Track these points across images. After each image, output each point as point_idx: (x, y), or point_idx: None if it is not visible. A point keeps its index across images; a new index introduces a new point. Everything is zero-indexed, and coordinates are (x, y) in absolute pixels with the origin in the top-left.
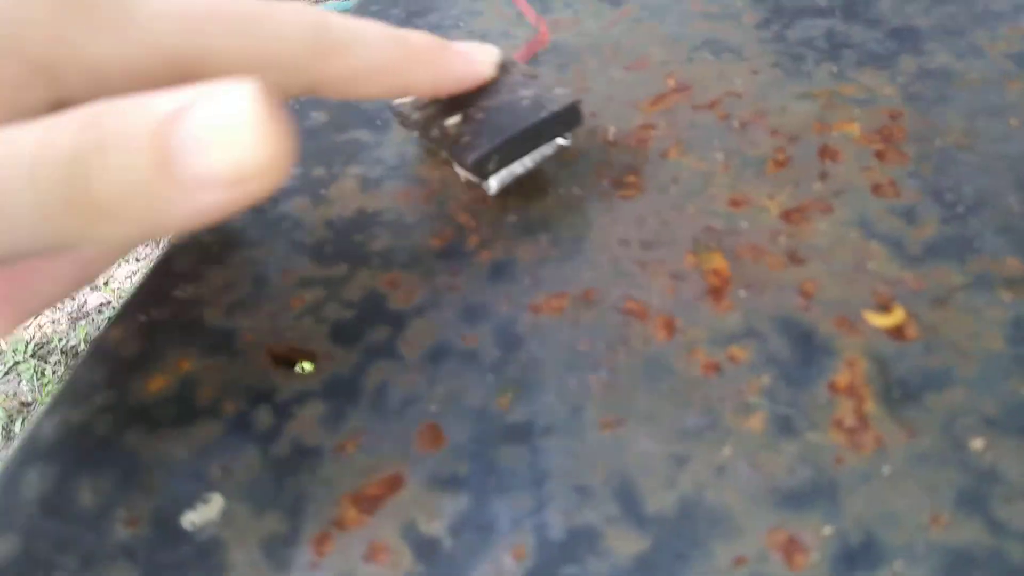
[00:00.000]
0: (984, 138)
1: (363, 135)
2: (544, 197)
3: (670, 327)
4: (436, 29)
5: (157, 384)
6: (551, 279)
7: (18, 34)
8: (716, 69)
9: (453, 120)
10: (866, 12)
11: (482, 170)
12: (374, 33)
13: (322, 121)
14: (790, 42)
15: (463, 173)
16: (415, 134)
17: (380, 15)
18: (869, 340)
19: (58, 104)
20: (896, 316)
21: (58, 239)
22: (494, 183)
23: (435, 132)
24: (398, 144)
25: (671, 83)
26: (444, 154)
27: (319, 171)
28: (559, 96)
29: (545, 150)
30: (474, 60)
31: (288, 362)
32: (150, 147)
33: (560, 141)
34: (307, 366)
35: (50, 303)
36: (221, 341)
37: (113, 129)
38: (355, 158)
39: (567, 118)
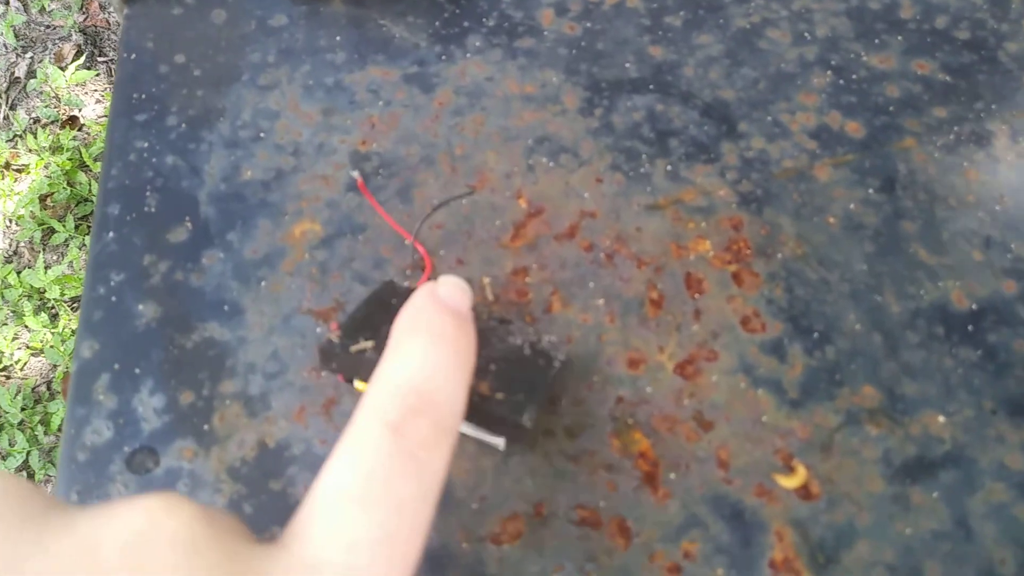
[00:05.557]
0: (813, 244)
1: (217, 331)
2: None
3: (625, 531)
4: (232, 137)
5: None
6: (496, 497)
7: None
8: (561, 181)
9: None
10: (676, 83)
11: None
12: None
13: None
14: (619, 133)
15: (472, 432)
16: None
17: (168, 129)
18: (787, 506)
19: None
20: (800, 475)
21: None
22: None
23: None
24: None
25: (523, 204)
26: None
27: (187, 394)
28: (550, 344)
29: None
30: (457, 301)
31: None
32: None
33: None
34: None
35: None
36: None
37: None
38: (225, 371)
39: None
